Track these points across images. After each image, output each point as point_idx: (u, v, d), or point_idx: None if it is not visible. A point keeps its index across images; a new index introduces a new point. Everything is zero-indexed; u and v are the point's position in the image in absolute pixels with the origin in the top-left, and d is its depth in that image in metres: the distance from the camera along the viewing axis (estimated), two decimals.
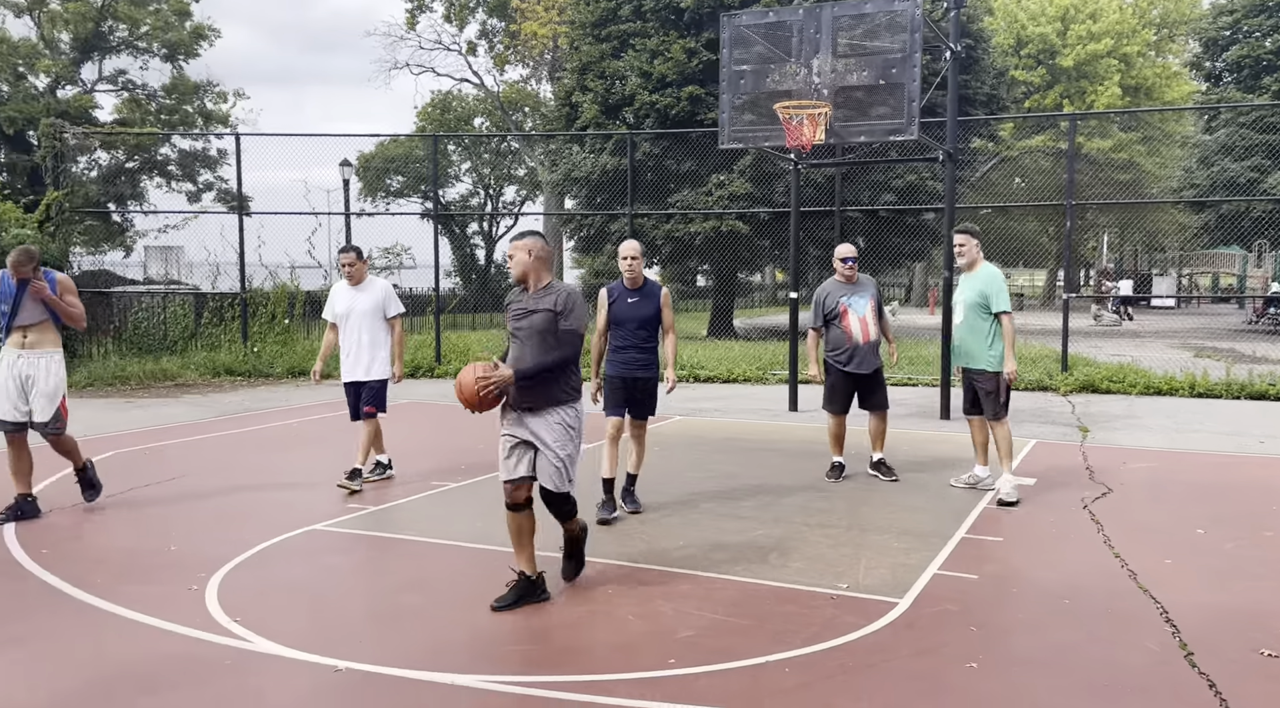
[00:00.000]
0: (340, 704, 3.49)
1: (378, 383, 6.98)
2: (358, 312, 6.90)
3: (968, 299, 6.65)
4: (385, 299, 6.98)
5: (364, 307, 6.90)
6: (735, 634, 4.16)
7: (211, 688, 3.61)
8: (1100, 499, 6.64)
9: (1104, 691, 3.59)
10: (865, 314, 7.10)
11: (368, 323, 6.91)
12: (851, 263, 7.18)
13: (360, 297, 6.93)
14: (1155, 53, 36.57)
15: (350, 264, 6.92)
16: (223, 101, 27.44)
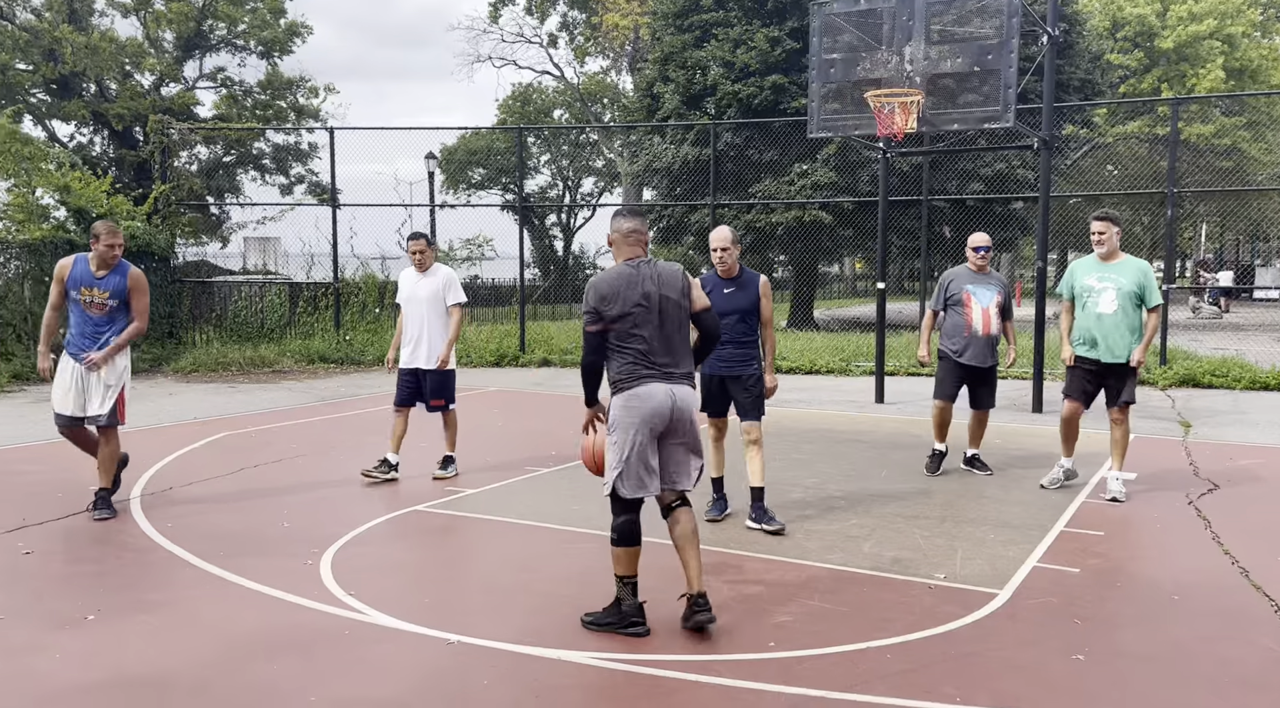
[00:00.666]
0: (456, 675, 3.64)
1: (442, 373, 6.88)
2: (419, 298, 6.85)
3: (1123, 290, 6.26)
4: (445, 286, 6.85)
5: (424, 293, 6.84)
6: (833, 620, 4.19)
7: (331, 655, 3.80)
8: (1206, 495, 6.45)
9: (1220, 687, 3.52)
10: (989, 306, 6.91)
11: (428, 310, 6.83)
12: (984, 251, 6.98)
13: (424, 283, 6.87)
14: (1261, 34, 34.88)
15: (420, 251, 6.84)
16: (314, 96, 28.29)
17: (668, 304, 4.05)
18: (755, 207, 20.42)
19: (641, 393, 4.01)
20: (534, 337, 16.27)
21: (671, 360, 4.07)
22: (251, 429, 9.16)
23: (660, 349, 4.04)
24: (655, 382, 4.02)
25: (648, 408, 3.99)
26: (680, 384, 4.08)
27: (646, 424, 4.00)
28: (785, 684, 3.55)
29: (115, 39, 25.58)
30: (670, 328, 4.07)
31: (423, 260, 6.88)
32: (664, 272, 4.10)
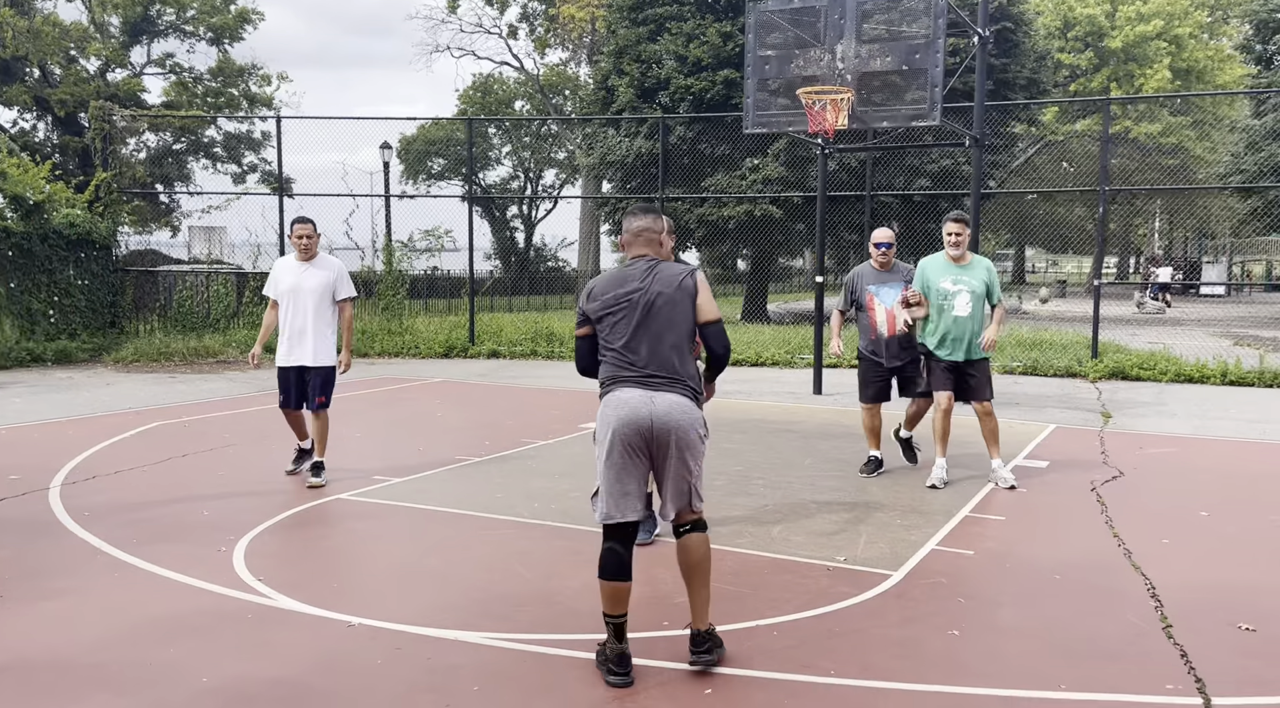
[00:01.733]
0: (351, 655, 3.74)
1: (327, 370, 6.48)
2: (305, 289, 6.35)
3: (975, 291, 6.39)
4: (337, 279, 6.45)
5: (312, 284, 6.36)
6: (730, 601, 4.34)
7: (231, 638, 3.88)
8: (1109, 482, 6.70)
9: (1077, 658, 3.72)
10: (893, 306, 6.72)
11: (315, 303, 6.35)
12: (885, 248, 6.76)
13: (310, 273, 6.38)
14: (1208, 35, 35.70)
15: (308, 236, 6.38)
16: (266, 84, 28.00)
17: (659, 303, 3.58)
18: (708, 201, 20.60)
19: (612, 400, 3.58)
20: (485, 328, 16.32)
21: (657, 366, 3.56)
22: (186, 419, 9.15)
23: (643, 353, 3.56)
24: (629, 387, 3.56)
25: (618, 417, 3.53)
26: (663, 392, 3.54)
27: (618, 436, 3.53)
28: (671, 661, 3.69)
29: (59, 23, 25.12)
30: (659, 329, 3.58)
31: (310, 247, 6.41)
32: (664, 270, 3.64)
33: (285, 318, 6.43)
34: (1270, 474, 6.98)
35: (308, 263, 6.45)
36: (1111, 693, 3.42)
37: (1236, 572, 4.77)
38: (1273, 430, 8.79)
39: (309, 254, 6.45)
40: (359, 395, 10.83)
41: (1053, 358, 13.26)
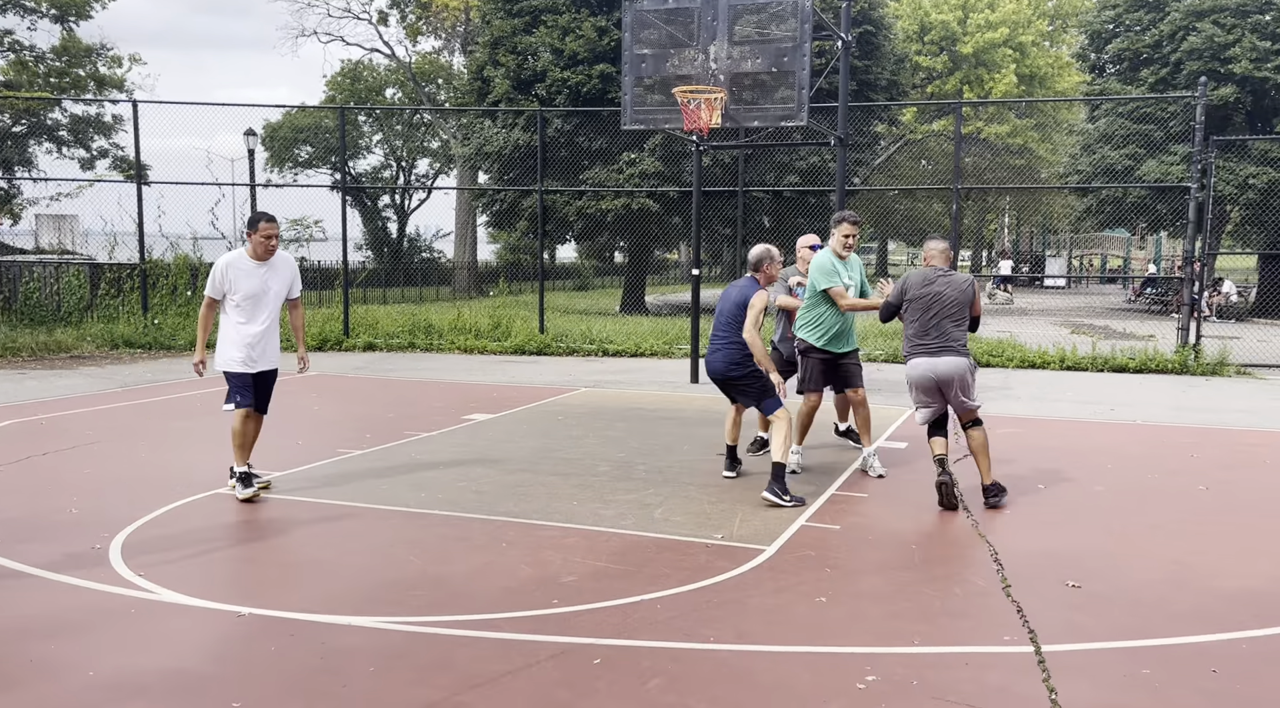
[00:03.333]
0: (243, 644, 3.77)
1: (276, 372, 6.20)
2: (274, 292, 5.97)
3: (857, 285, 6.82)
4: (295, 278, 6.12)
5: (277, 287, 6.00)
6: (615, 579, 4.56)
7: (115, 633, 3.85)
8: (962, 461, 7.23)
9: (929, 617, 4.12)
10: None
11: (276, 306, 6.03)
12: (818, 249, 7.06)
13: (273, 275, 5.97)
14: (1050, 43, 38.15)
15: (276, 236, 5.92)
16: (117, 66, 26.46)
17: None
18: (585, 194, 20.77)
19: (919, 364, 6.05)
20: (359, 320, 16.03)
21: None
22: (42, 417, 8.72)
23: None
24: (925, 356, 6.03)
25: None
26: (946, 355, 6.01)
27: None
28: (561, 635, 3.88)
29: None
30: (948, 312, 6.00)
31: (275, 246, 5.96)
32: (955, 278, 6.09)
33: (243, 323, 5.89)
34: (1098, 449, 7.70)
35: (265, 263, 5.94)
36: (957, 646, 3.81)
37: (1066, 538, 5.31)
38: (1102, 410, 9.65)
39: (271, 254, 5.95)
40: None
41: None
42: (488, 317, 15.95)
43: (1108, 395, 10.63)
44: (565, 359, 14.15)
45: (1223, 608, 4.23)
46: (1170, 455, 7.46)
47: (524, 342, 14.83)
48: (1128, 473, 6.86)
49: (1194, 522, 5.61)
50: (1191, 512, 5.83)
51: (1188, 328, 12.95)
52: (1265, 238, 22.21)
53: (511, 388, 11.02)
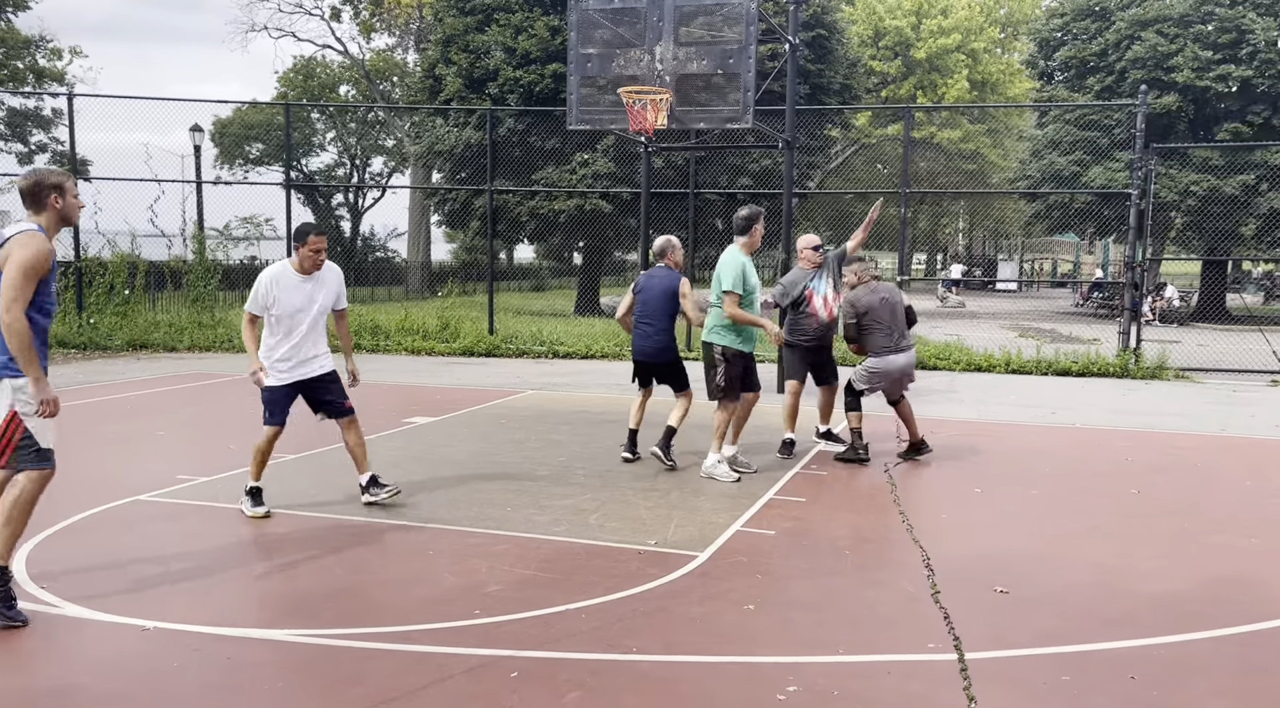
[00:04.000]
0: (146, 659, 3.62)
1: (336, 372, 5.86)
2: (319, 306, 5.65)
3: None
4: (341, 290, 5.82)
5: (324, 300, 5.68)
6: (542, 587, 4.46)
7: (12, 648, 3.67)
8: (901, 464, 7.27)
9: (856, 624, 4.08)
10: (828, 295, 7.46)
11: (321, 319, 5.71)
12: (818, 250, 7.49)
13: (319, 289, 5.65)
14: (1001, 50, 38.76)
15: (324, 249, 5.60)
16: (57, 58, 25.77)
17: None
18: (538, 194, 20.63)
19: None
20: None
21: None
22: None
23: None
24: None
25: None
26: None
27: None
28: (479, 648, 3.78)
29: None
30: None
31: (319, 260, 5.62)
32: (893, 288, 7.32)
33: (281, 338, 5.57)
34: (1035, 452, 7.77)
35: (312, 277, 5.63)
36: (882, 654, 3.78)
37: (999, 541, 5.32)
38: (1043, 413, 9.75)
39: (319, 268, 5.66)
40: (166, 392, 10.26)
41: None
42: (436, 317, 15.75)
43: (1050, 398, 10.75)
44: (514, 361, 14.01)
45: (1145, 613, 4.25)
46: (1105, 458, 7.54)
47: (473, 343, 14.66)
48: (1063, 476, 6.92)
49: (1123, 525, 5.65)
50: (1122, 515, 5.88)
51: (1129, 332, 13.16)
52: (1205, 244, 22.71)
53: (456, 390, 10.87)
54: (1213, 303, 23.93)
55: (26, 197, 4.06)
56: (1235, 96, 22.50)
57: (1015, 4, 38.37)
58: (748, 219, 6.57)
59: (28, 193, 4.05)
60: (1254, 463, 7.45)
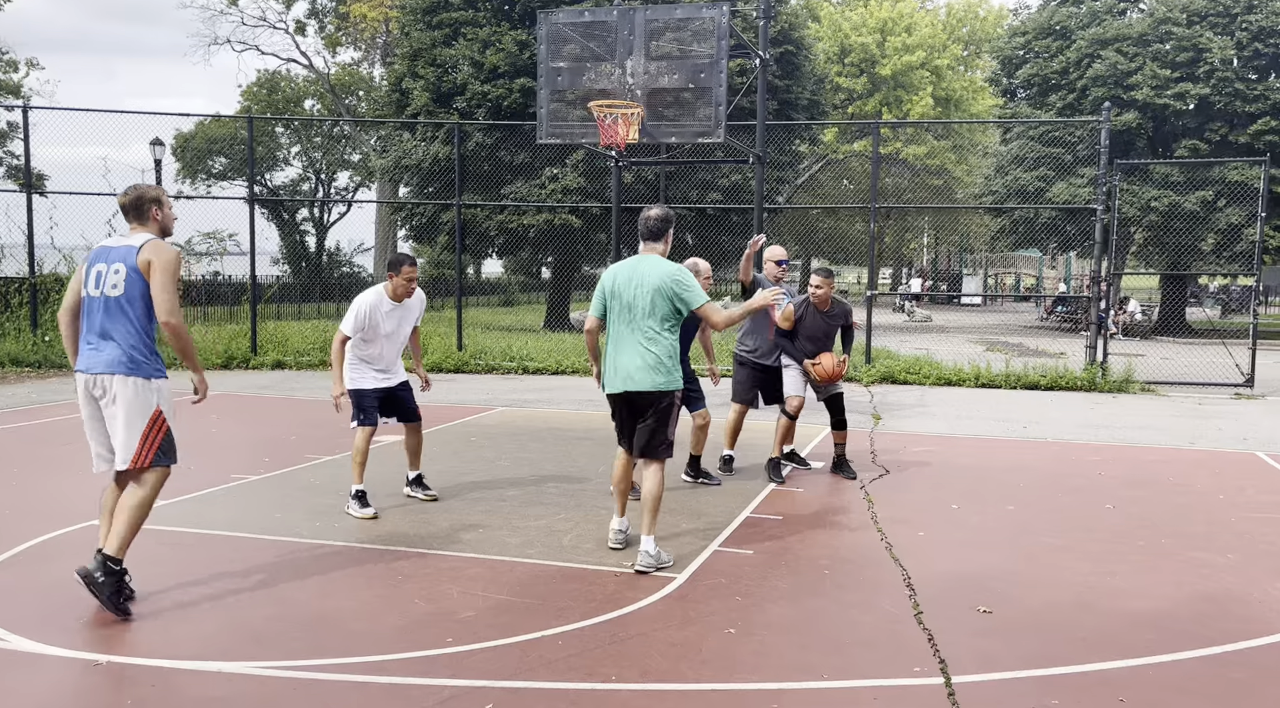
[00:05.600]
0: (99, 696, 3.44)
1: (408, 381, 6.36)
2: (405, 329, 6.18)
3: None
4: (421, 312, 6.30)
5: (409, 325, 6.20)
6: (516, 613, 4.33)
7: None
8: (877, 481, 7.22)
9: (838, 647, 3.99)
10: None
11: (403, 339, 6.23)
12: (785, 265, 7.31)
13: (406, 314, 6.14)
14: (965, 67, 39.29)
15: (415, 278, 6.03)
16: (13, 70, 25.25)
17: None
18: (507, 208, 20.49)
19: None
20: (269, 337, 15.45)
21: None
22: None
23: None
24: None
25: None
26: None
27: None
28: (452, 678, 3.63)
29: None
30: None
31: (413, 289, 6.09)
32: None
33: (369, 353, 6.06)
34: (1009, 466, 7.76)
35: (402, 304, 6.09)
36: (866, 679, 3.69)
37: (978, 559, 5.27)
38: (1015, 428, 9.77)
39: (410, 295, 6.11)
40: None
41: None
42: None
43: (1020, 413, 10.78)
44: (484, 377, 13.84)
45: (1128, 632, 4.20)
46: (1078, 473, 7.54)
47: (441, 359, 14.47)
48: (1038, 491, 6.90)
49: (1101, 541, 5.63)
50: (1098, 531, 5.86)
51: (1095, 346, 13.28)
52: (1166, 259, 23.08)
53: (424, 408, 10.57)
54: (1174, 317, 24.31)
55: (130, 211, 4.36)
56: (1193, 114, 22.95)
57: (977, 23, 38.94)
58: (666, 220, 5.17)
59: (131, 207, 4.35)
60: (1224, 477, 7.49)
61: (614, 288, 5.02)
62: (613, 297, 5.02)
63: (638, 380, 4.92)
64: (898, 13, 36.01)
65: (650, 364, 4.91)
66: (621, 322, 4.98)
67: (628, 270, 5.03)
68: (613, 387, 5.04)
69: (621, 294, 4.99)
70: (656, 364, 4.92)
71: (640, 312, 4.93)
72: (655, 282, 4.92)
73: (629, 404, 5.03)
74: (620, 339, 4.99)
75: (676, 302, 4.92)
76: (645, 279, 4.94)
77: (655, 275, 4.93)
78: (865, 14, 36.30)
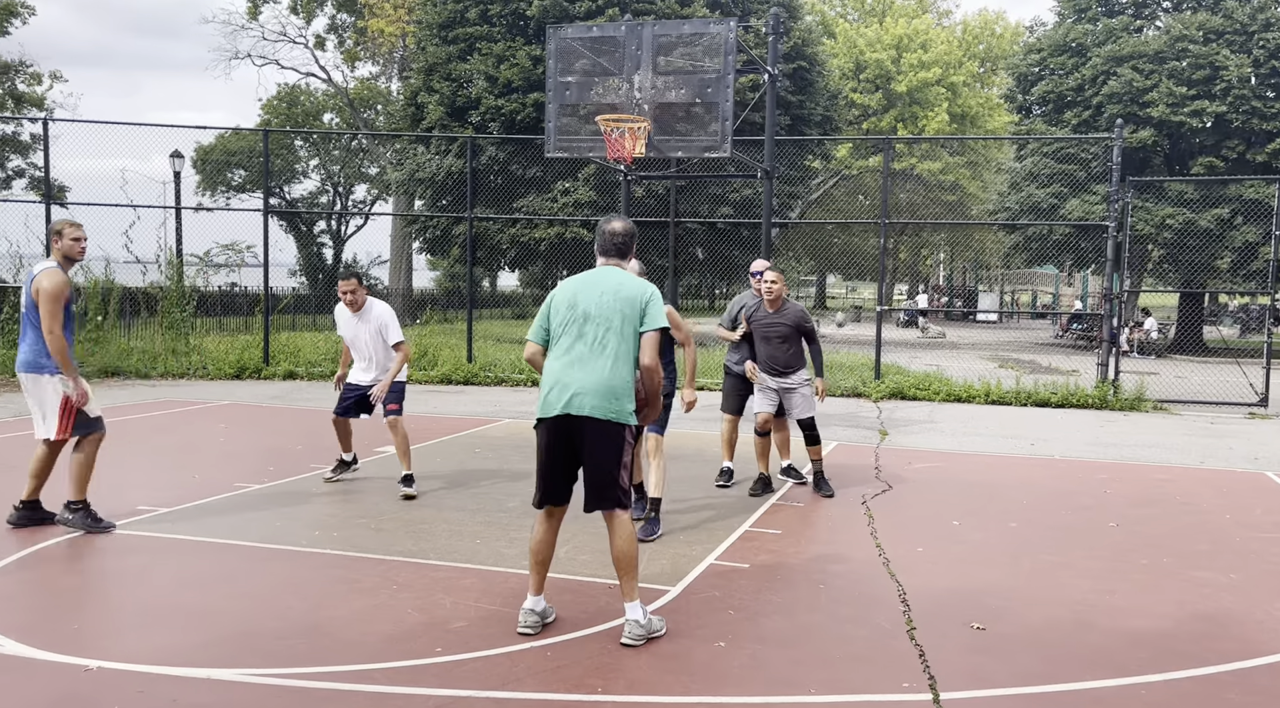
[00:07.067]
0: (85, 701, 3.45)
1: (398, 384, 6.98)
2: (362, 340, 6.93)
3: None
4: (382, 328, 6.86)
5: (365, 336, 6.91)
6: (508, 623, 4.32)
7: None
8: (879, 496, 7.18)
9: (829, 662, 3.96)
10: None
11: (371, 349, 6.94)
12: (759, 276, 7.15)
13: (362, 326, 6.88)
14: (980, 84, 39.27)
15: (352, 291, 6.76)
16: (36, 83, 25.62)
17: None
18: (519, 222, 20.59)
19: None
20: (281, 348, 15.55)
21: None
22: None
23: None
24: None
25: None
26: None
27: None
28: (440, 687, 3.63)
29: None
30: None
31: (355, 300, 6.79)
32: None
33: (354, 357, 7.09)
34: (1014, 483, 7.70)
35: (357, 315, 6.88)
36: (854, 694, 3.66)
37: (976, 575, 5.23)
38: (1022, 444, 9.70)
39: (356, 307, 6.83)
40: (134, 420, 10.05)
41: (840, 379, 14.09)
42: (414, 345, 15.60)
43: (1029, 430, 10.71)
44: (493, 389, 13.87)
45: (1124, 651, 4.15)
46: (1084, 491, 7.48)
47: (450, 371, 14.52)
48: (1042, 508, 6.84)
49: (1102, 560, 5.57)
50: (1101, 549, 5.80)
51: (1107, 363, 13.18)
52: (1182, 276, 22.91)
53: (431, 419, 10.71)
54: (1190, 335, 24.10)
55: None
56: (1210, 132, 22.82)
57: (994, 39, 38.94)
58: (632, 235, 4.48)
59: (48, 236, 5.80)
60: (1233, 497, 7.40)
61: (573, 299, 4.22)
62: (571, 308, 4.21)
63: (594, 406, 4.08)
64: (914, 30, 36.07)
65: (611, 389, 4.10)
66: (582, 338, 4.16)
67: (592, 280, 4.27)
68: (554, 409, 4.11)
69: (583, 307, 4.20)
70: (623, 390, 4.14)
71: (609, 327, 4.16)
72: (630, 293, 4.20)
73: (573, 436, 4.14)
74: (578, 357, 4.14)
75: (644, 318, 4.19)
76: (621, 290, 4.20)
77: (631, 287, 4.22)
78: (880, 31, 36.37)
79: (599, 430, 4.10)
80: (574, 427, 4.12)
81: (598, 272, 4.35)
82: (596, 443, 4.12)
